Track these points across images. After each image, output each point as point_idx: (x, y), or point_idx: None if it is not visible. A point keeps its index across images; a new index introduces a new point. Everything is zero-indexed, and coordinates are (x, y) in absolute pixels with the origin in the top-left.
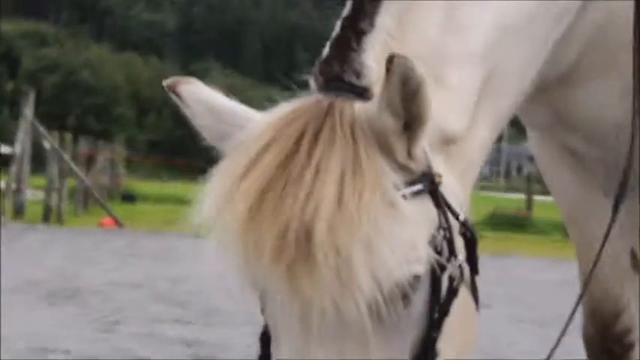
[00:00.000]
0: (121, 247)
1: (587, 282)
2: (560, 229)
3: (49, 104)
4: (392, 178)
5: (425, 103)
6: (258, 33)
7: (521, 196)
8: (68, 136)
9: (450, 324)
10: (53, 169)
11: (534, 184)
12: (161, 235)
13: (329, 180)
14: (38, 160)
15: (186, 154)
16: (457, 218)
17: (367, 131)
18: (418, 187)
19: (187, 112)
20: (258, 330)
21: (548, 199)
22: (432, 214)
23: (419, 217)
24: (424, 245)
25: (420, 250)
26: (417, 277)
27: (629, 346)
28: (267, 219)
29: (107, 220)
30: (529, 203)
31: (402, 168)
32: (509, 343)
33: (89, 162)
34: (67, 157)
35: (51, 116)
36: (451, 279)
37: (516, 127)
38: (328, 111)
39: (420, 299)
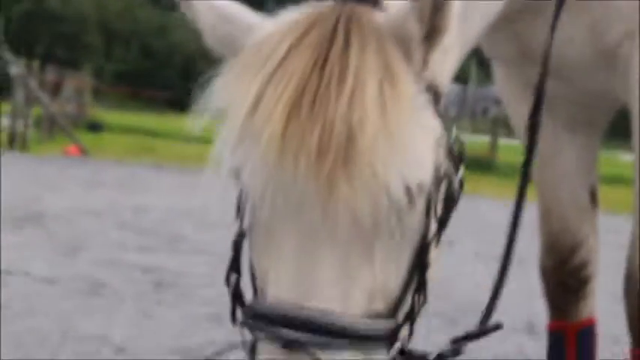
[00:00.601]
0: (86, 175)
1: (517, 211)
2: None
3: (17, 32)
4: (416, 86)
5: (450, 14)
6: None
7: (486, 139)
8: (35, 64)
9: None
10: (19, 96)
11: (499, 127)
12: (126, 165)
13: (369, 86)
14: (5, 86)
15: (153, 86)
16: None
17: (391, 38)
18: (429, 96)
19: (189, 9)
20: (219, 259)
21: (513, 142)
22: (435, 126)
23: (429, 127)
24: (434, 154)
25: (430, 159)
26: (422, 185)
27: (585, 280)
28: (308, 121)
29: (72, 148)
30: (493, 146)
31: (416, 76)
32: (471, 278)
33: (56, 90)
34: (33, 84)
35: (19, 44)
36: (450, 191)
37: (483, 69)
38: (350, 17)
39: (420, 209)
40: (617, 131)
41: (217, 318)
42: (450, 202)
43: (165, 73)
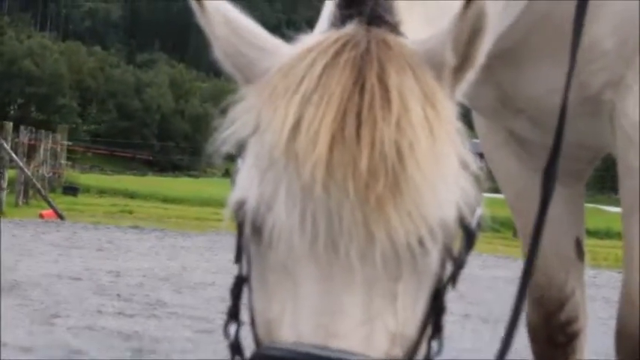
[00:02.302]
0: (62, 239)
1: (527, 268)
2: (509, 227)
3: None
4: (454, 112)
5: (482, 49)
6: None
7: None
8: (9, 125)
9: None
10: None
11: (484, 181)
12: (103, 228)
13: (413, 108)
14: None
15: (129, 146)
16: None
17: (425, 64)
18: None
19: (203, 19)
20: (199, 324)
21: (498, 196)
22: (469, 156)
23: (465, 156)
24: (464, 190)
25: (459, 195)
26: (456, 219)
27: (573, 335)
28: (355, 144)
29: (48, 212)
30: None
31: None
32: (456, 339)
33: (30, 152)
34: (7, 146)
35: None
36: (469, 231)
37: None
38: (379, 40)
39: (439, 248)
40: (604, 184)
41: None
42: (469, 241)
43: (142, 133)
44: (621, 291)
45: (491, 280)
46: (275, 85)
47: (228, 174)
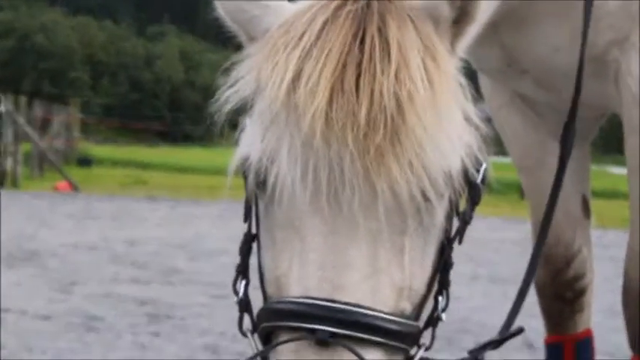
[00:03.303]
0: (77, 210)
1: (542, 229)
2: (515, 189)
3: (4, 68)
4: (454, 65)
5: (481, 4)
6: None
7: None
8: (22, 100)
9: None
10: (8, 133)
11: (490, 145)
12: (117, 199)
13: (413, 61)
14: None
15: (141, 118)
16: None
17: (425, 17)
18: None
19: None
20: (214, 289)
21: (504, 160)
22: (471, 109)
23: (467, 109)
24: (467, 142)
25: (462, 147)
26: (458, 171)
27: (581, 292)
28: (354, 95)
29: (62, 184)
30: None
31: (451, 56)
32: (465, 299)
33: (44, 126)
34: (21, 120)
35: (5, 80)
36: (475, 184)
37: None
38: None
39: (446, 202)
40: (609, 145)
41: (214, 348)
42: (475, 197)
43: (153, 104)
44: (627, 247)
45: (499, 242)
46: (275, 42)
47: (235, 142)
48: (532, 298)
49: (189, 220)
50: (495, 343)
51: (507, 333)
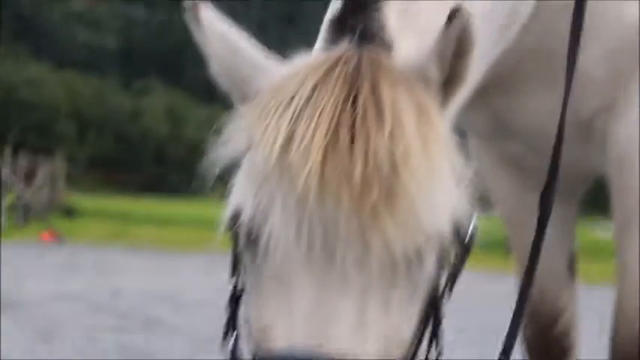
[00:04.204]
0: (61, 260)
1: (524, 287)
2: (501, 244)
3: None
4: (447, 126)
5: (469, 65)
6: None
7: None
8: (8, 151)
9: None
10: None
11: (475, 202)
12: (100, 249)
13: (407, 121)
14: None
15: (125, 171)
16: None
17: (416, 79)
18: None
19: (200, 36)
20: (197, 340)
21: (490, 215)
22: (463, 168)
23: (459, 168)
24: (458, 200)
25: (454, 205)
26: (449, 229)
27: (568, 348)
28: (348, 155)
29: (47, 234)
30: None
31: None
32: (449, 352)
33: (29, 177)
34: (6, 171)
35: None
36: (465, 240)
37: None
38: (372, 57)
39: (435, 257)
40: (596, 204)
41: None
42: (464, 251)
43: (138, 158)
44: (615, 309)
45: (483, 295)
46: (267, 103)
47: (223, 198)
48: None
49: (171, 271)
50: None
51: None
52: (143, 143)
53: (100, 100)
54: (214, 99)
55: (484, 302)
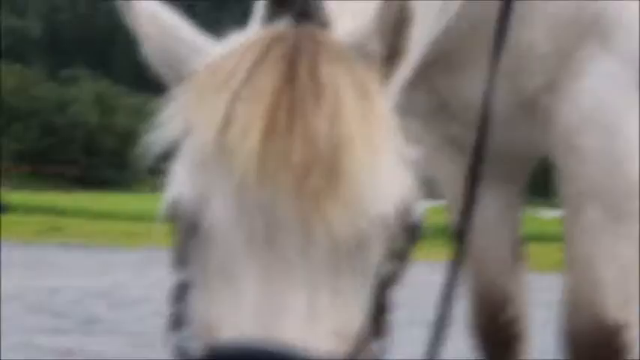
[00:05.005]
0: None
1: (452, 271)
2: (445, 234)
3: None
4: (388, 105)
5: (409, 36)
6: (129, 40)
7: None
8: None
9: None
10: None
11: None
12: (33, 246)
13: (347, 101)
14: None
15: (55, 163)
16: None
17: (355, 56)
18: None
19: (131, 17)
20: (137, 338)
21: (434, 203)
22: (405, 149)
23: (402, 149)
24: (406, 181)
25: (403, 185)
26: (393, 213)
27: (516, 336)
28: (288, 137)
29: None
30: None
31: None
32: (407, 347)
33: None
34: None
35: None
36: (412, 226)
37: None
38: (310, 35)
39: (383, 243)
40: (538, 188)
41: None
42: (411, 237)
43: (68, 149)
44: (565, 296)
45: (431, 285)
46: (203, 84)
47: (156, 189)
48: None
49: (107, 267)
50: None
51: None
52: (72, 134)
53: (24, 90)
54: (144, 87)
55: (431, 293)
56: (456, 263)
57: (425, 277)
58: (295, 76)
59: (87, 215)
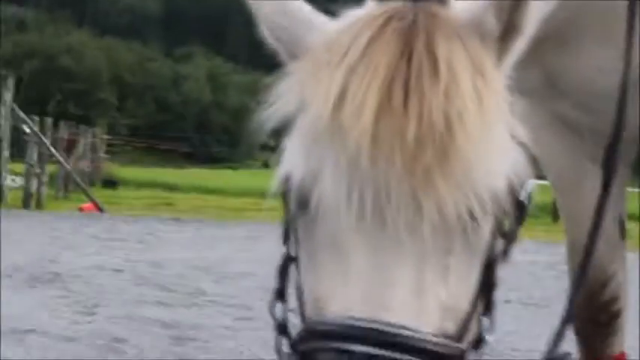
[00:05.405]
0: (102, 231)
1: (586, 255)
2: (549, 213)
3: (29, 89)
4: (503, 83)
5: (528, 15)
6: (244, 19)
7: None
8: (48, 121)
9: None
10: (33, 154)
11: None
12: (142, 220)
13: (463, 78)
14: (18, 145)
15: (167, 139)
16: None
17: (472, 33)
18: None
19: None
20: (238, 312)
21: (538, 182)
22: (518, 129)
23: (515, 128)
24: (514, 162)
25: (509, 166)
26: (505, 191)
27: (615, 315)
28: (402, 114)
29: (88, 205)
30: None
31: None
32: (498, 322)
33: (70, 147)
34: (47, 141)
35: (31, 101)
36: (521, 203)
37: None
38: (427, 12)
39: (491, 221)
40: None
41: None
42: (520, 214)
43: (180, 126)
44: None
45: (531, 265)
46: (319, 59)
47: (267, 165)
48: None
49: (214, 242)
50: None
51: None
52: (185, 111)
53: (141, 67)
54: (257, 65)
55: (528, 273)
56: (593, 241)
57: (523, 256)
58: (411, 52)
59: (197, 191)
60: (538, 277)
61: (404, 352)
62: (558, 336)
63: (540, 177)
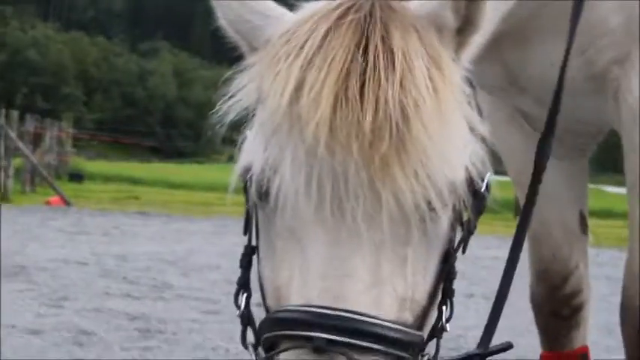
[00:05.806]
0: (68, 225)
1: (516, 240)
2: (510, 209)
3: None
4: (459, 75)
5: (484, 10)
6: (208, 14)
7: None
8: (14, 114)
9: None
10: None
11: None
12: (109, 214)
13: (418, 69)
14: None
15: (133, 134)
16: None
17: (429, 25)
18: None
19: None
20: (205, 305)
21: (499, 178)
22: (475, 119)
23: (471, 118)
24: (471, 153)
25: (467, 157)
26: (463, 181)
27: (578, 308)
28: (358, 104)
29: (55, 198)
30: None
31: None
32: (458, 316)
33: (36, 140)
34: (13, 135)
35: None
36: (479, 194)
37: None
38: (383, 4)
39: (450, 212)
40: (605, 165)
41: None
42: (479, 206)
43: (146, 121)
44: (626, 265)
45: (493, 260)
46: (277, 51)
47: (232, 160)
48: (528, 315)
49: (181, 235)
50: (480, 356)
51: (495, 347)
52: (150, 105)
53: (106, 62)
54: (221, 60)
55: (491, 268)
56: (521, 236)
57: (485, 251)
58: (367, 43)
59: (163, 185)
60: (500, 271)
61: (364, 338)
62: (494, 319)
63: (501, 173)
